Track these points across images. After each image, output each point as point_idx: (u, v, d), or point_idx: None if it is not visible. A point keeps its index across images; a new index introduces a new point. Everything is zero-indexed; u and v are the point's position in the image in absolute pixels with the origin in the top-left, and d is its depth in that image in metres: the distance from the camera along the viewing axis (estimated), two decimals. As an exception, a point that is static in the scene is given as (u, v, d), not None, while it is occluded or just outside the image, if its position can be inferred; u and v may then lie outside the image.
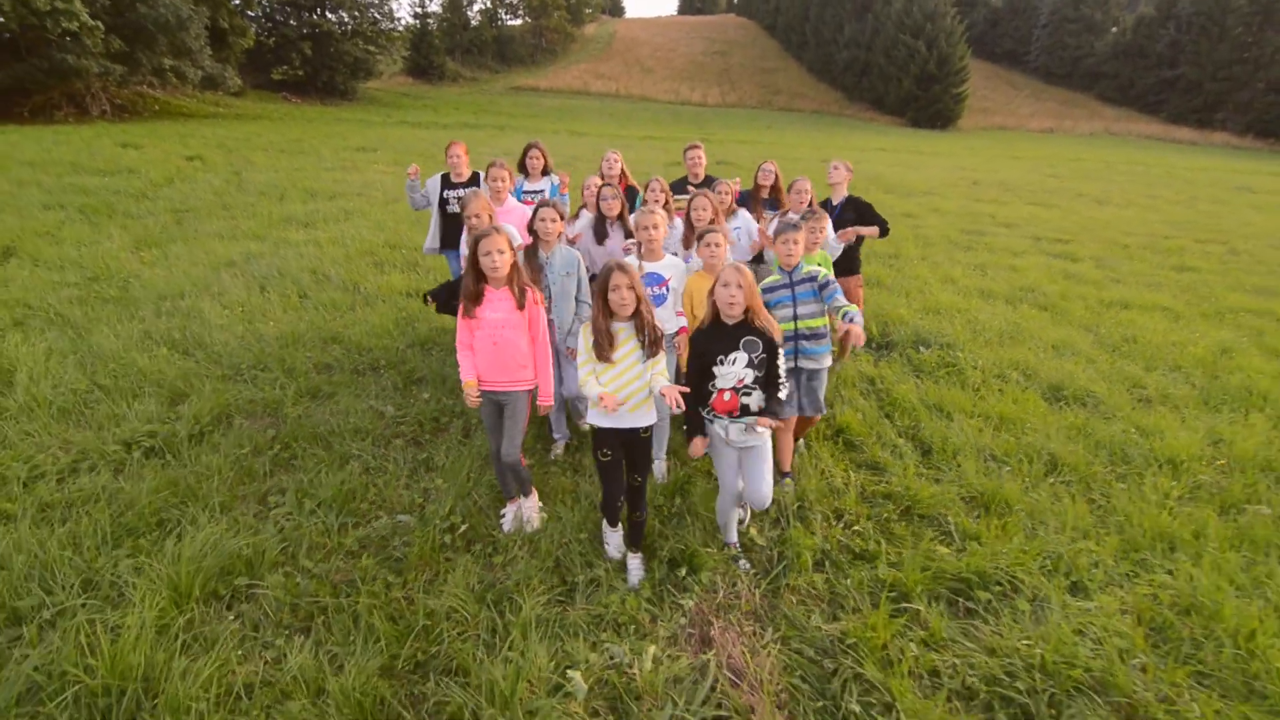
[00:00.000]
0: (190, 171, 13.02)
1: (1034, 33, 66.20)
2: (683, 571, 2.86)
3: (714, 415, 2.84)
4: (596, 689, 2.23)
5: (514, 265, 2.91)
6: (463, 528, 3.01)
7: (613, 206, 4.08)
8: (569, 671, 2.25)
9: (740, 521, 3.23)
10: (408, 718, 2.05)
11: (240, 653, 2.19)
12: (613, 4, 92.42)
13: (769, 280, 3.48)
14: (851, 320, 3.11)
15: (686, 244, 4.01)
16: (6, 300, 5.50)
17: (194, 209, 9.71)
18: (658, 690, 2.22)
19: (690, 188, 4.87)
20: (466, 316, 2.92)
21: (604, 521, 3.06)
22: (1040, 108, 56.49)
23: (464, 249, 3.81)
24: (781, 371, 2.80)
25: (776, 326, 2.83)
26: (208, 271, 6.73)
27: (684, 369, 3.06)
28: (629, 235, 4.08)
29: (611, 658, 2.35)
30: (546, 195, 5.10)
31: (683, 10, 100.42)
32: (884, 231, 5.02)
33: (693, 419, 2.87)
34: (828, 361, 3.52)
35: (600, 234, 4.16)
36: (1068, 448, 4.04)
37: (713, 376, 2.80)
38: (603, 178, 5.00)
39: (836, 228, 4.71)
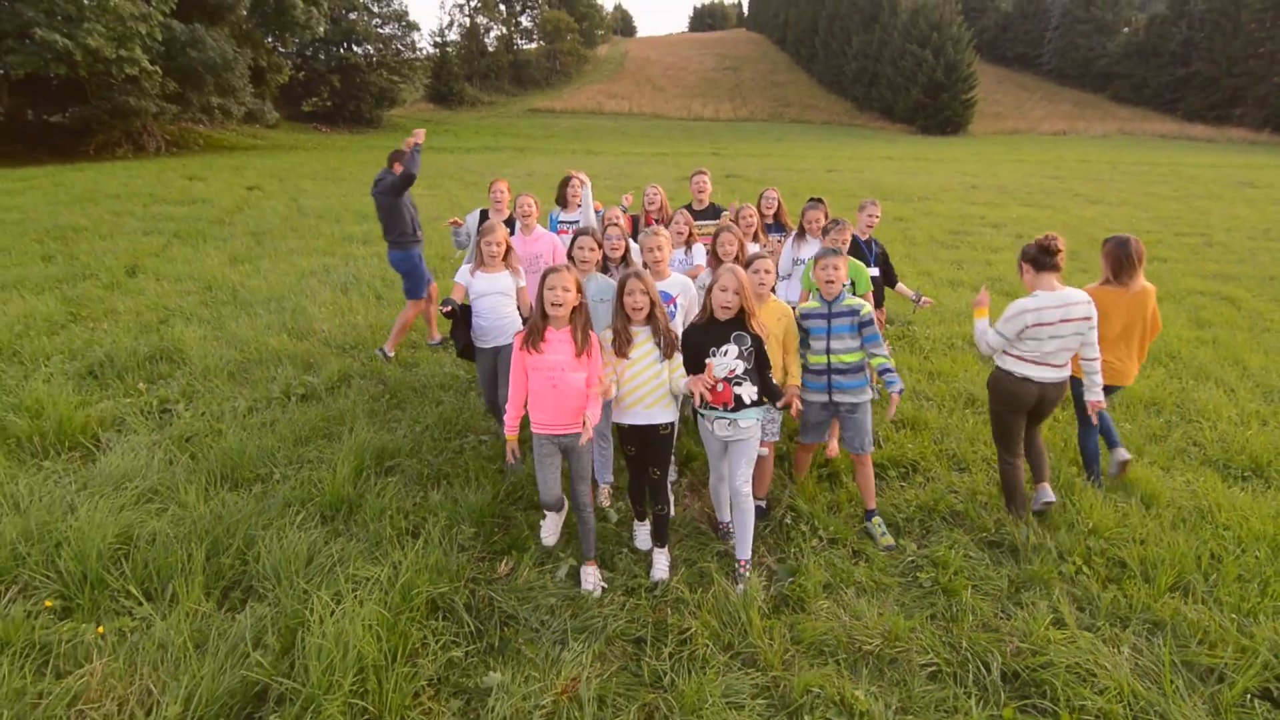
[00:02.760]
0: (254, 200, 14.64)
1: (1045, 35, 66.69)
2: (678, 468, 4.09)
3: (707, 408, 3.04)
4: (624, 520, 3.49)
5: (578, 308, 2.89)
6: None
7: (617, 248, 3.96)
8: (607, 508, 3.51)
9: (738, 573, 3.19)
10: (516, 518, 3.36)
11: (400, 494, 3.50)
12: (624, 24, 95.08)
13: (806, 306, 3.44)
14: (892, 388, 3.17)
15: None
16: (151, 305, 6.93)
17: (268, 231, 11.21)
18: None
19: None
20: (526, 349, 2.90)
21: (634, 515, 3.30)
22: (1053, 110, 56.84)
23: (465, 275, 3.91)
24: (769, 360, 3.02)
25: (767, 331, 3.06)
26: (295, 280, 8.14)
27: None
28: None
29: (633, 506, 3.60)
30: (580, 225, 5.09)
31: (694, 27, 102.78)
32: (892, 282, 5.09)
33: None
34: (867, 395, 3.41)
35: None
36: (984, 390, 5.20)
37: (706, 369, 2.94)
38: (646, 212, 5.28)
39: (866, 263, 4.75)
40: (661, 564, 3.13)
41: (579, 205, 5.22)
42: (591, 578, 3.01)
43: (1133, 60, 59.27)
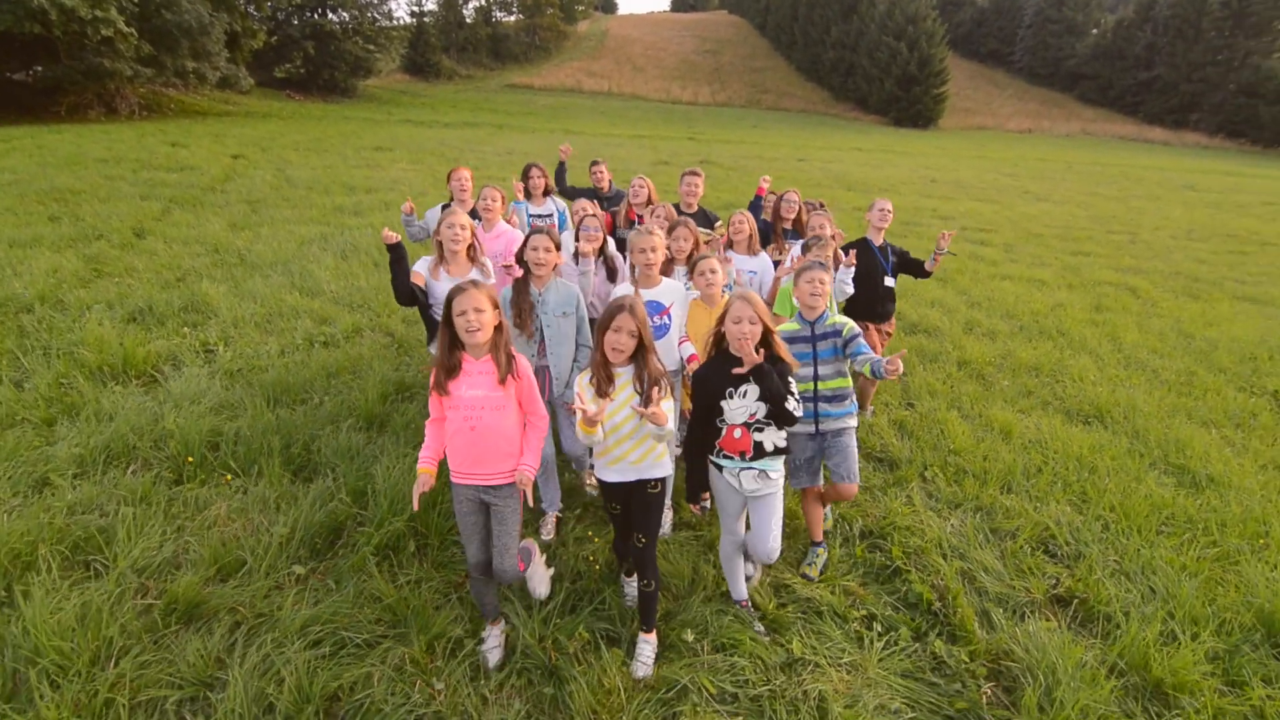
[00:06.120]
0: (241, 169, 15.06)
1: (1018, 33, 68.27)
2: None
3: (724, 456, 2.66)
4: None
5: (498, 328, 2.44)
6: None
7: (594, 239, 3.67)
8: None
9: (748, 578, 3.03)
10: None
11: (420, 414, 4.40)
12: (605, 0, 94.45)
13: (786, 328, 3.09)
14: (882, 367, 2.84)
15: (663, 272, 3.64)
16: (166, 264, 7.61)
17: (261, 200, 11.79)
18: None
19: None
20: (438, 391, 2.45)
21: (621, 570, 2.95)
22: (1021, 108, 58.45)
23: (425, 267, 3.58)
24: (794, 387, 2.64)
25: (790, 357, 2.68)
26: (296, 247, 8.84)
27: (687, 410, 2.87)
28: (611, 273, 3.80)
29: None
30: (554, 220, 4.99)
31: (675, 7, 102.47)
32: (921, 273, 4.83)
33: (695, 473, 2.72)
34: (853, 421, 3.17)
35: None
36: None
37: (720, 413, 2.62)
38: (630, 206, 4.85)
39: (883, 273, 4.61)
40: (646, 654, 2.66)
41: (544, 195, 4.92)
42: (536, 576, 2.65)
43: (1099, 62, 61.08)
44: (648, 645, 2.67)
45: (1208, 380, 6.23)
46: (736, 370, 2.54)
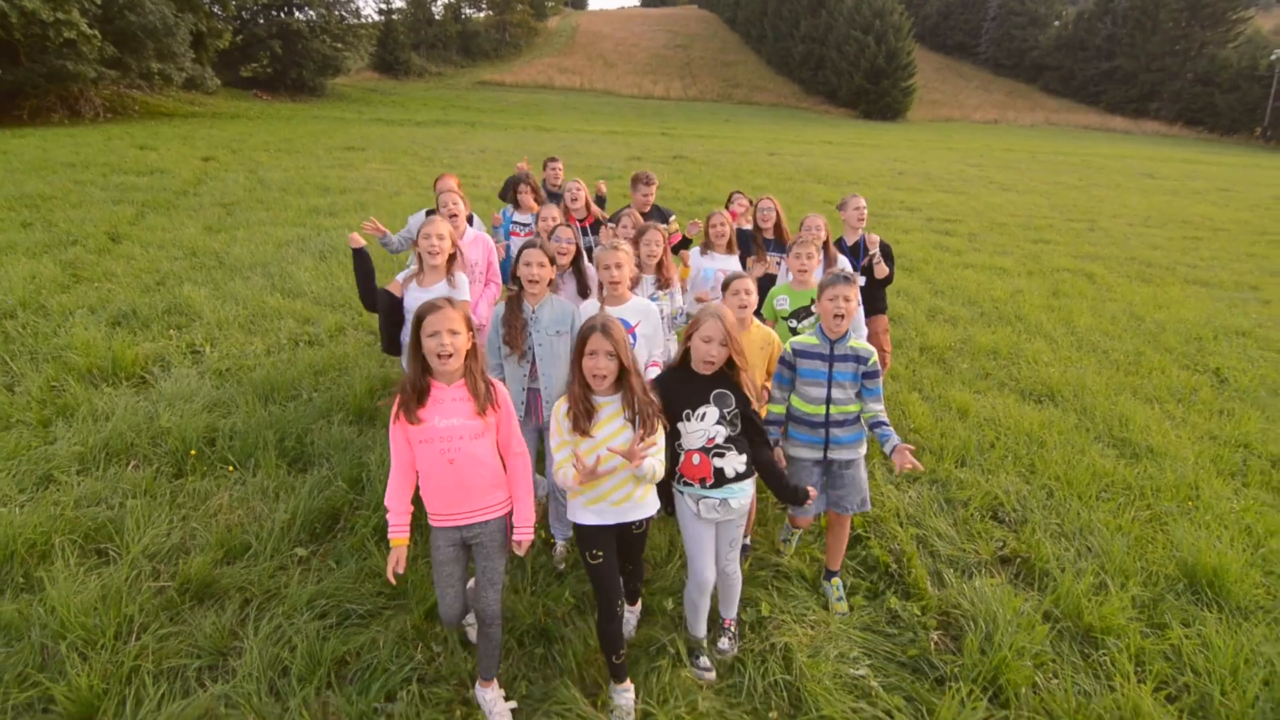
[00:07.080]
0: (212, 171, 14.95)
1: (983, 25, 69.57)
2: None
3: (684, 483, 2.52)
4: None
5: (470, 352, 2.26)
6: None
7: (565, 251, 3.48)
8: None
9: (721, 651, 2.76)
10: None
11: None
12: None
13: (802, 341, 2.90)
14: (894, 446, 2.67)
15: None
16: (144, 269, 7.65)
17: (235, 203, 11.77)
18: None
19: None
20: (406, 421, 2.23)
21: (610, 677, 2.53)
22: (987, 99, 59.57)
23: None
24: (763, 430, 2.56)
25: (756, 387, 2.55)
26: (274, 249, 8.90)
27: None
28: (583, 288, 3.60)
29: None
30: (532, 226, 4.86)
31: (645, 2, 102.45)
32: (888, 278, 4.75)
33: (662, 493, 2.59)
34: (863, 449, 2.99)
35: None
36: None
37: (676, 436, 2.48)
38: (569, 212, 4.53)
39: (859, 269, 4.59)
40: (629, 620, 2.81)
41: (533, 209, 4.79)
42: (493, 703, 2.38)
43: (1062, 53, 62.41)
44: (631, 614, 2.84)
45: (1154, 359, 6.63)
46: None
